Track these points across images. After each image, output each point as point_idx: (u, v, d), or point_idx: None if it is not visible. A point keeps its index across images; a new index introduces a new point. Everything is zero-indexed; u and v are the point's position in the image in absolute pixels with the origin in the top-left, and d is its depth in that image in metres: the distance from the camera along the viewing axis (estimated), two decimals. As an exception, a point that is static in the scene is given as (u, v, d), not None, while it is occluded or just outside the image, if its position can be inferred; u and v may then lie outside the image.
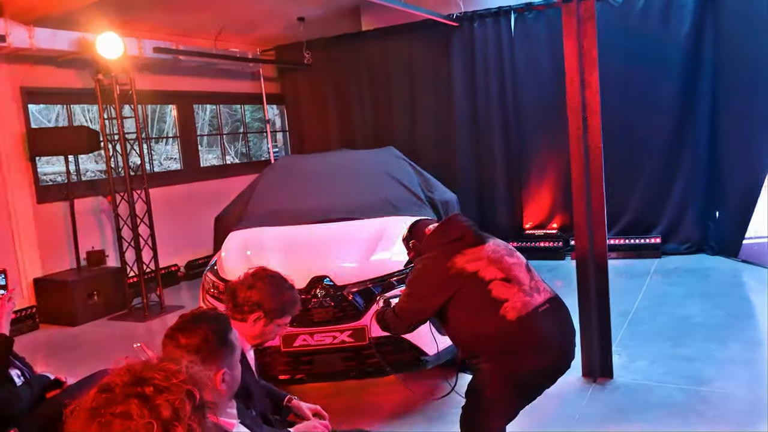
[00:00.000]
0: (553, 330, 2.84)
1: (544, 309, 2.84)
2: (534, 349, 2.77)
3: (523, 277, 2.89)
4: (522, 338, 2.75)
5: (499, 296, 2.79)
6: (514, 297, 2.79)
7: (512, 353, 2.75)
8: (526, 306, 2.78)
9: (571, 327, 2.98)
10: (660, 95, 7.73)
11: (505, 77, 8.72)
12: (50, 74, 7.41)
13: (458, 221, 3.11)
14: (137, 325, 6.91)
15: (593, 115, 4.36)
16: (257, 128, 12.74)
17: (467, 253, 2.91)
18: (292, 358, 4.34)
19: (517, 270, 2.91)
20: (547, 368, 2.83)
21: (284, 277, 2.66)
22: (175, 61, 8.41)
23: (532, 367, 2.78)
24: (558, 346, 2.85)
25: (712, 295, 6.21)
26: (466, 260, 2.89)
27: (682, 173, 7.80)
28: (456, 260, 2.89)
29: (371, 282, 4.40)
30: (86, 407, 1.23)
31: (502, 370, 2.77)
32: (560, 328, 2.90)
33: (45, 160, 8.82)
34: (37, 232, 7.22)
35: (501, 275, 2.85)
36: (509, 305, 2.77)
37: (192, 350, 1.90)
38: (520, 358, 2.75)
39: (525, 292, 2.83)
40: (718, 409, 3.94)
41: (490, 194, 8.98)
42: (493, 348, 2.78)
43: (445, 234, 3.05)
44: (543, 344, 2.79)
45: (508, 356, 2.76)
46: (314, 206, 6.12)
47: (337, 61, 9.98)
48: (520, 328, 2.75)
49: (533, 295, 2.85)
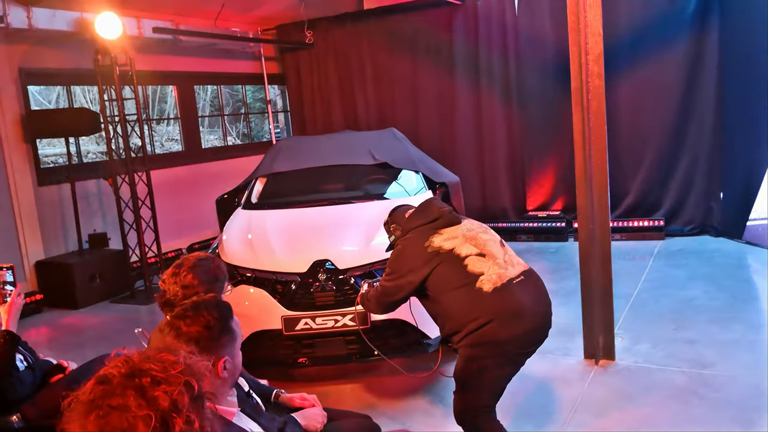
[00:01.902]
0: (528, 299, 2.94)
1: (518, 281, 2.96)
2: (510, 318, 2.87)
3: (497, 251, 3.02)
4: (499, 308, 2.86)
5: (475, 270, 2.93)
6: (489, 270, 2.93)
7: (491, 324, 2.85)
8: (500, 278, 2.91)
9: (546, 297, 3.08)
10: (664, 76, 7.64)
11: (509, 56, 8.64)
12: (49, 55, 7.36)
13: (434, 205, 3.25)
14: (139, 308, 6.92)
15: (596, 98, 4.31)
16: (259, 109, 12.67)
17: (443, 232, 3.07)
18: (294, 341, 4.35)
19: (491, 245, 3.04)
20: (525, 336, 2.92)
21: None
22: (175, 41, 8.34)
23: (511, 335, 2.87)
24: (534, 314, 2.95)
25: (715, 277, 6.19)
26: (443, 239, 3.04)
27: (686, 154, 7.74)
28: (433, 239, 3.04)
29: (373, 266, 4.40)
30: (84, 399, 1.22)
31: (482, 342, 2.88)
32: (535, 297, 3.00)
33: (45, 142, 8.78)
34: (39, 215, 7.21)
35: (476, 251, 2.99)
36: (485, 278, 2.90)
37: (193, 338, 1.89)
38: (498, 327, 2.85)
39: (499, 266, 2.95)
40: (720, 392, 3.94)
41: (492, 175, 8.94)
42: (472, 320, 2.87)
43: (422, 216, 3.19)
44: (519, 312, 2.89)
45: (486, 327, 2.85)
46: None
47: (339, 40, 9.90)
48: (496, 299, 2.86)
49: (507, 269, 2.97)
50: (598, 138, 4.35)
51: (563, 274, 6.45)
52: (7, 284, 2.95)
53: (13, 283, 2.97)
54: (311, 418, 2.63)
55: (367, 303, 3.36)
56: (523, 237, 8.30)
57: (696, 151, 7.70)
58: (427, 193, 5.56)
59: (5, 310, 2.92)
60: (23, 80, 7.18)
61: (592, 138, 4.35)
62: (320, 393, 4.32)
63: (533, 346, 3.01)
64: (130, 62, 7.18)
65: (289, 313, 4.29)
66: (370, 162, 5.90)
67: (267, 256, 4.58)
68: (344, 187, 6.02)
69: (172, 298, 2.58)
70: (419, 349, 4.33)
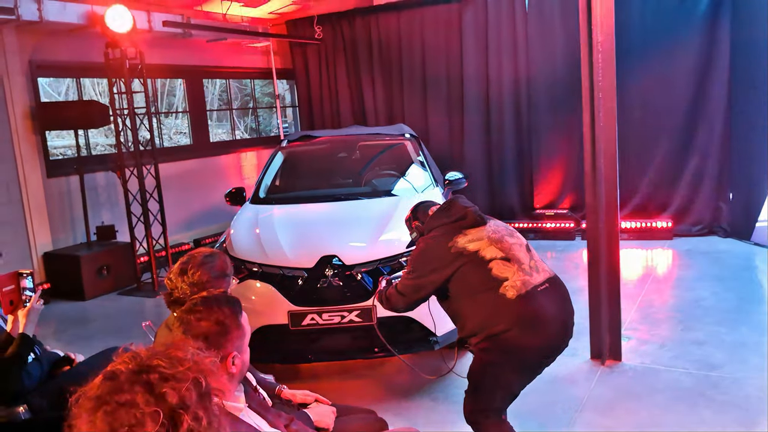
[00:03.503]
0: (551, 309, 2.88)
1: (543, 288, 2.88)
2: (533, 327, 2.81)
3: (522, 256, 2.94)
4: (521, 316, 2.80)
5: (499, 275, 2.85)
6: (513, 276, 2.85)
7: (511, 331, 2.78)
8: (525, 285, 2.84)
9: (570, 307, 3.01)
10: (674, 76, 7.60)
11: (518, 54, 8.60)
12: (60, 47, 7.38)
13: (460, 203, 3.15)
14: (146, 301, 6.94)
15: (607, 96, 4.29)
16: (267, 103, 12.67)
17: (468, 233, 2.99)
18: (300, 336, 4.35)
19: (517, 250, 2.96)
20: (545, 346, 2.87)
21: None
22: (184, 35, 8.34)
23: (531, 344, 2.82)
24: (556, 324, 2.89)
25: (723, 278, 6.16)
26: (468, 240, 2.96)
27: (695, 155, 7.70)
28: (457, 239, 2.96)
29: (380, 262, 4.40)
30: (91, 395, 1.21)
31: (501, 348, 2.82)
32: (558, 306, 2.93)
33: (54, 133, 8.80)
34: (47, 207, 7.24)
35: (501, 254, 2.91)
36: (509, 284, 2.83)
37: (203, 333, 1.89)
38: (519, 335, 2.79)
39: (524, 272, 2.88)
40: (728, 394, 3.93)
41: (500, 173, 8.92)
42: (493, 326, 2.81)
43: (447, 215, 3.10)
44: (542, 322, 2.83)
45: (507, 334, 2.79)
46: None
47: (348, 35, 9.88)
48: (520, 306, 2.80)
49: (532, 275, 2.90)
50: (607, 137, 4.32)
51: (570, 274, 6.43)
52: (27, 290, 3.01)
53: (33, 289, 3.03)
54: (323, 415, 2.64)
55: (386, 301, 3.28)
56: (530, 235, 8.28)
57: (705, 151, 7.65)
58: (435, 190, 5.54)
59: (24, 314, 2.97)
60: (33, 72, 7.21)
61: (601, 137, 4.33)
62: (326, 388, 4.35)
63: (553, 356, 2.95)
64: (140, 55, 7.19)
65: (295, 308, 4.29)
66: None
67: (274, 251, 4.58)
68: (352, 183, 6.03)
69: (180, 295, 2.58)
70: (426, 346, 4.32)
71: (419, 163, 6.02)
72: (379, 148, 6.39)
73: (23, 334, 2.93)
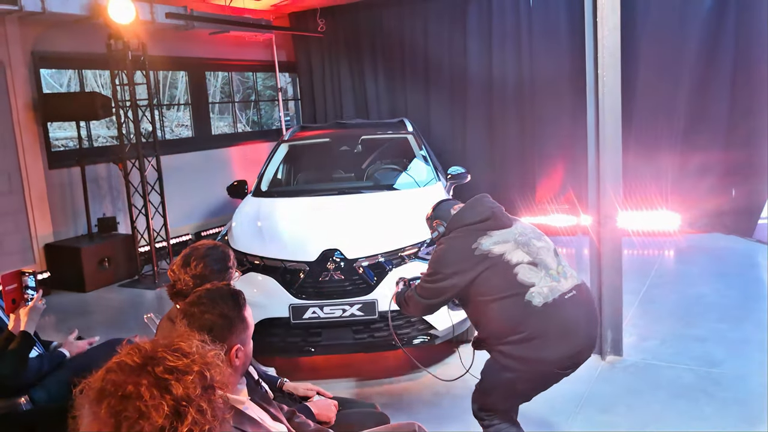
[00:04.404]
0: (578, 318, 2.77)
1: (570, 296, 2.77)
2: (558, 337, 2.70)
3: (550, 261, 2.83)
4: (546, 325, 2.69)
5: (525, 280, 2.73)
6: (540, 282, 2.73)
7: (536, 339, 2.69)
8: (552, 291, 2.73)
9: (595, 316, 2.92)
10: (678, 72, 7.56)
11: (522, 48, 8.57)
12: (62, 39, 7.36)
13: (485, 203, 3.00)
14: (147, 293, 6.94)
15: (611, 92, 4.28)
16: (269, 96, 12.65)
17: (494, 234, 2.85)
18: (302, 330, 4.35)
19: (545, 254, 2.85)
20: (568, 356, 2.76)
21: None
22: (187, 27, 8.32)
23: (555, 354, 2.71)
24: (582, 334, 2.78)
25: (726, 274, 6.16)
26: (493, 242, 2.82)
27: (698, 151, 7.67)
28: (481, 241, 2.82)
29: (382, 256, 4.39)
30: (96, 387, 1.21)
31: (523, 355, 2.72)
32: (584, 315, 2.82)
33: (56, 125, 8.78)
34: (49, 198, 7.24)
35: (528, 259, 2.78)
36: (535, 290, 2.71)
37: (207, 326, 1.88)
38: (543, 344, 2.69)
39: (552, 277, 2.77)
40: (729, 391, 3.93)
41: (502, 167, 8.90)
42: (516, 333, 2.70)
43: (471, 214, 2.95)
44: (567, 332, 2.72)
45: (531, 342, 2.69)
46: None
47: (351, 29, 9.86)
48: (545, 315, 2.69)
49: (560, 281, 2.78)
50: (611, 131, 4.31)
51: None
52: (29, 288, 3.03)
53: (35, 288, 3.05)
54: (324, 408, 2.64)
55: (404, 304, 3.12)
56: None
57: (708, 147, 7.62)
58: (437, 185, 5.53)
59: (25, 312, 2.99)
60: (36, 63, 7.19)
61: (605, 131, 4.32)
62: (326, 382, 4.36)
63: (574, 367, 2.84)
64: (142, 47, 7.16)
65: (297, 302, 4.29)
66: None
67: (276, 244, 4.58)
68: (354, 177, 6.02)
69: (183, 288, 2.58)
70: (427, 340, 4.33)
71: (422, 158, 6.01)
72: (381, 142, 6.38)
73: (24, 332, 2.94)
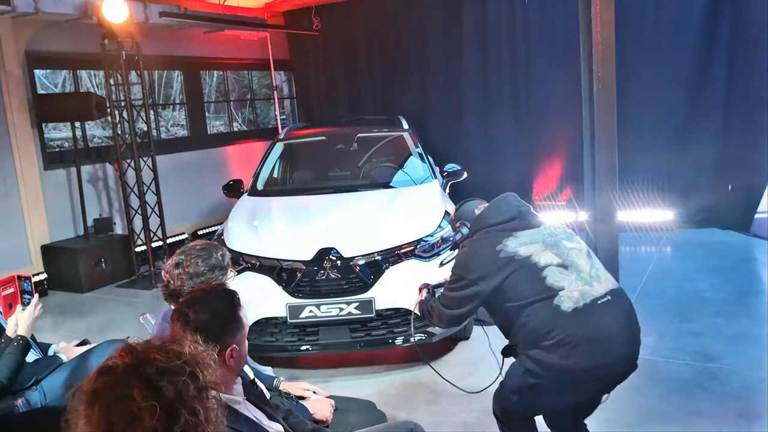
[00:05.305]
0: (612, 326, 2.54)
1: (603, 301, 2.54)
2: (588, 345, 2.48)
3: (582, 263, 2.62)
4: (576, 332, 2.47)
5: (554, 284, 2.54)
6: (570, 285, 2.53)
7: (563, 346, 2.47)
8: (583, 296, 2.52)
9: (635, 325, 2.63)
10: (674, 67, 7.56)
11: (518, 44, 8.57)
12: (56, 39, 7.33)
13: (511, 202, 2.84)
14: (144, 293, 6.93)
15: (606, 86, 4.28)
16: (265, 95, 12.63)
17: (520, 235, 2.67)
18: (299, 329, 4.35)
19: (576, 255, 2.64)
20: (602, 368, 2.53)
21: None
22: (181, 26, 8.30)
23: (583, 363, 2.48)
24: (617, 344, 2.53)
25: (722, 269, 6.16)
26: (519, 243, 2.64)
27: (695, 146, 7.67)
28: (507, 243, 2.64)
29: (379, 254, 4.39)
30: (88, 389, 1.21)
31: (548, 362, 2.51)
32: (621, 323, 2.58)
33: (51, 125, 8.76)
34: (45, 199, 7.22)
35: (557, 261, 2.60)
36: (565, 294, 2.51)
37: (201, 326, 1.88)
38: (570, 352, 2.47)
39: (583, 281, 2.56)
40: (726, 386, 3.93)
41: (498, 165, 8.89)
42: (545, 340, 2.51)
43: (495, 214, 2.78)
44: (599, 340, 2.49)
45: (558, 349, 2.48)
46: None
47: (346, 26, 9.83)
48: (576, 321, 2.48)
49: (593, 285, 2.57)
50: (606, 128, 4.32)
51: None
52: (26, 293, 3.03)
53: (31, 293, 3.05)
54: (321, 407, 2.64)
55: (428, 315, 2.94)
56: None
57: (704, 142, 7.62)
58: (433, 183, 5.53)
59: (22, 317, 2.98)
60: (30, 64, 7.16)
61: (600, 128, 4.32)
62: (324, 380, 4.36)
63: (611, 382, 2.61)
64: (137, 47, 7.15)
65: (294, 301, 4.29)
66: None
67: (272, 244, 4.57)
68: (350, 175, 6.02)
69: (176, 288, 2.57)
70: (424, 338, 4.33)
71: (418, 155, 6.01)
72: (377, 140, 6.38)
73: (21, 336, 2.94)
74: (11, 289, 3.02)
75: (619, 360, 2.55)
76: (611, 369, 2.56)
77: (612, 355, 2.53)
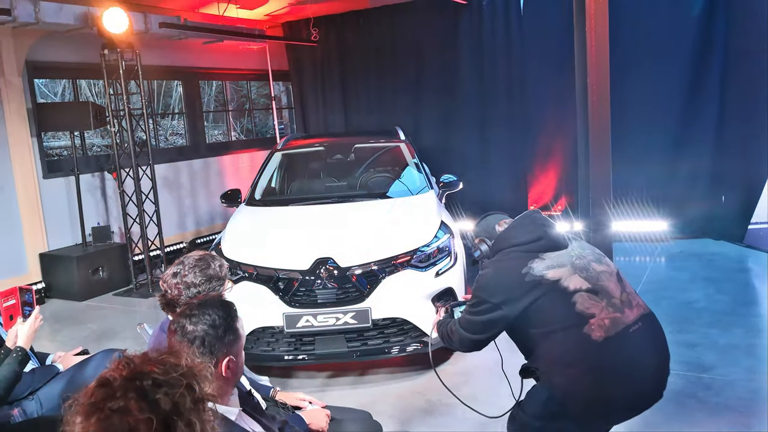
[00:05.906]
0: (644, 354, 2.45)
1: (635, 329, 2.43)
2: (620, 376, 2.38)
3: (613, 288, 2.50)
4: (608, 363, 2.37)
5: (585, 311, 2.40)
6: (601, 312, 2.40)
7: (594, 376, 2.37)
8: (615, 324, 2.39)
9: (665, 351, 2.55)
10: (667, 77, 7.60)
11: (513, 55, 8.62)
12: (56, 48, 7.38)
13: (536, 219, 2.68)
14: (141, 302, 6.94)
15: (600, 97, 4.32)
16: (263, 105, 12.68)
17: (547, 257, 2.52)
18: (295, 338, 4.37)
19: (606, 279, 2.52)
20: (632, 397, 2.45)
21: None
22: (181, 36, 8.35)
23: (616, 395, 2.39)
24: (647, 374, 2.45)
25: (716, 280, 6.19)
26: (546, 265, 2.49)
27: (689, 156, 7.69)
28: (533, 265, 2.49)
29: (375, 264, 4.41)
30: (85, 402, 1.22)
31: (576, 391, 2.39)
32: (653, 351, 2.49)
33: (50, 134, 8.79)
34: (43, 207, 7.24)
35: (587, 285, 2.46)
36: (596, 322, 2.37)
37: (198, 337, 1.89)
38: (599, 382, 2.36)
39: (614, 307, 2.43)
40: (720, 396, 3.95)
41: (494, 174, 8.92)
42: (572, 368, 2.39)
43: (520, 233, 2.62)
44: (631, 371, 2.40)
45: (587, 378, 2.37)
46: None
47: (344, 38, 9.89)
48: (607, 351, 2.36)
49: (624, 311, 2.45)
50: (601, 139, 4.35)
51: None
52: (27, 305, 3.06)
53: (32, 305, 3.07)
54: (317, 417, 2.65)
55: (448, 337, 2.76)
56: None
57: (698, 153, 7.65)
58: (429, 193, 5.56)
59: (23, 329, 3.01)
60: (30, 73, 7.21)
61: (595, 139, 4.35)
62: (319, 390, 4.37)
63: (640, 409, 2.53)
64: (137, 57, 7.19)
65: (290, 311, 4.31)
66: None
67: (269, 253, 4.59)
68: (347, 185, 6.05)
69: (174, 297, 2.59)
70: (420, 347, 4.35)
71: (414, 166, 6.05)
72: (374, 150, 6.42)
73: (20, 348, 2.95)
74: (12, 301, 3.04)
75: (650, 389, 2.49)
76: (641, 398, 2.48)
77: (644, 384, 2.45)
